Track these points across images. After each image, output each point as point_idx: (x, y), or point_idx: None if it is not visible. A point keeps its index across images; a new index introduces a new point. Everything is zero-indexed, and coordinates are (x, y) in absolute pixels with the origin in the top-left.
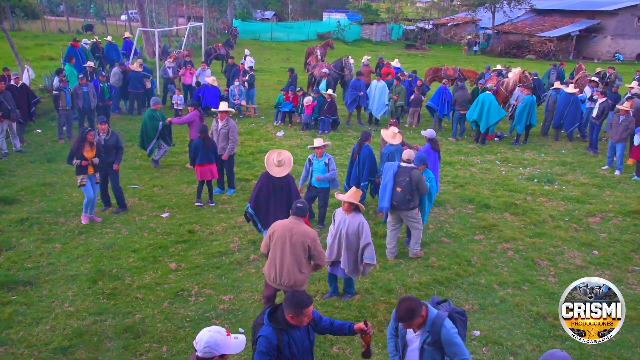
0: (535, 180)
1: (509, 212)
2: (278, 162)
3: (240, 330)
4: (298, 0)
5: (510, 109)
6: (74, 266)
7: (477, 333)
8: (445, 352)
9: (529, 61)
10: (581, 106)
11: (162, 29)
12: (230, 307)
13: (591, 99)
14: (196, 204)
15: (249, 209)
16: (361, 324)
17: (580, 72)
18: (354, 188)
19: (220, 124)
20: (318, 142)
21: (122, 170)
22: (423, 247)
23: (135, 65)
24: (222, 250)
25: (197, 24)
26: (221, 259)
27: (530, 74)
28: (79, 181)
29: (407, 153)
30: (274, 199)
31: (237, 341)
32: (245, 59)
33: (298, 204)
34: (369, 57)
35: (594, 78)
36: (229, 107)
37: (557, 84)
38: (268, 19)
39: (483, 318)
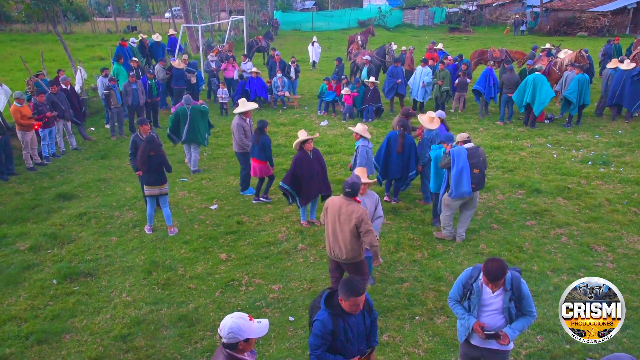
0: (590, 162)
1: (562, 197)
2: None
3: (290, 318)
4: None
5: (560, 93)
6: (129, 258)
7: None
8: (521, 307)
9: (581, 38)
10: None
11: (205, 24)
12: (279, 296)
13: None
14: (253, 200)
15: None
16: None
17: (639, 47)
18: (360, 168)
19: (248, 120)
20: (357, 127)
21: (171, 165)
22: (472, 234)
23: (176, 62)
24: (270, 240)
25: (239, 17)
26: (270, 248)
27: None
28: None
29: (464, 135)
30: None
31: (260, 325)
32: (312, 45)
33: (347, 189)
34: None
35: None
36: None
37: (614, 62)
38: (308, 8)
39: (537, 305)
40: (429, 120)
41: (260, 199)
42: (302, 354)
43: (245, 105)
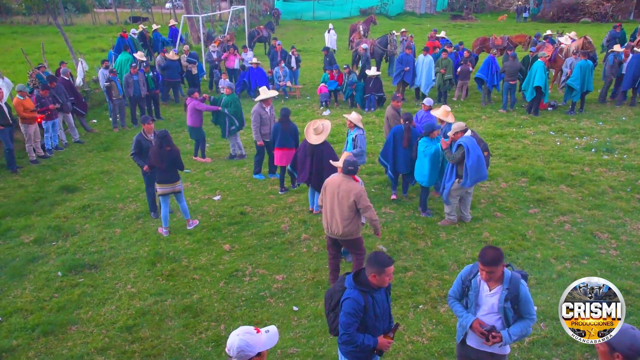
0: (593, 150)
1: (565, 184)
2: (314, 129)
3: (295, 308)
4: None
5: (562, 79)
6: (133, 249)
7: (535, 308)
8: (519, 309)
9: (584, 25)
10: None
11: (205, 15)
12: (283, 286)
13: None
14: (280, 191)
15: (288, 167)
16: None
17: None
18: (346, 152)
19: (268, 109)
20: (351, 115)
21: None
22: (475, 222)
23: (170, 54)
24: (273, 230)
25: (240, 7)
26: (273, 239)
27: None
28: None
29: (461, 124)
30: (310, 161)
31: (269, 334)
32: (329, 32)
33: (349, 167)
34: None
35: None
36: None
37: (616, 47)
38: None
39: (540, 293)
40: (444, 114)
41: (285, 188)
42: (306, 343)
43: (266, 92)
